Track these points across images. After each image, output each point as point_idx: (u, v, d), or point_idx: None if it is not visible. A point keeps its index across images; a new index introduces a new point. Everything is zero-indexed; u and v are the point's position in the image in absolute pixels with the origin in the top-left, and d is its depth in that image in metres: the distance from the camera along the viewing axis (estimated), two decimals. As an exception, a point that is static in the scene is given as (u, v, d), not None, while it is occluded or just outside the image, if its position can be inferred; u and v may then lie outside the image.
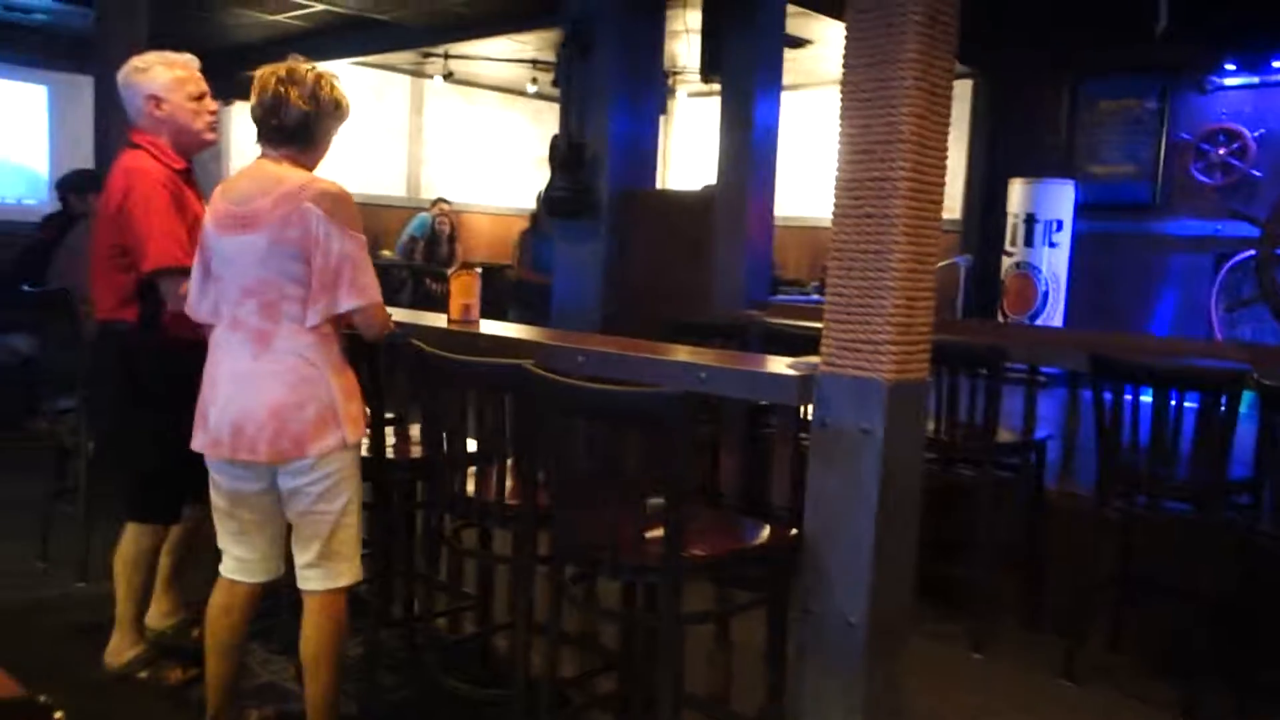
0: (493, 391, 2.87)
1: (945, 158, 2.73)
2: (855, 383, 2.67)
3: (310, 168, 2.63)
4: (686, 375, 2.94)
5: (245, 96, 2.66)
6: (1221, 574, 3.55)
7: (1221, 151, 7.97)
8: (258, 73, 2.61)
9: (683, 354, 3.19)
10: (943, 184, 2.73)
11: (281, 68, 2.57)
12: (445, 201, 11.04)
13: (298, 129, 2.56)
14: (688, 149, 12.32)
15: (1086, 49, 8.22)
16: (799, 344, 4.16)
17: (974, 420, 4.11)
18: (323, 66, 2.66)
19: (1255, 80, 7.79)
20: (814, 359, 2.87)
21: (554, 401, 2.57)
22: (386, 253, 10.62)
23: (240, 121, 10.01)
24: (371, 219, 11.12)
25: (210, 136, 3.28)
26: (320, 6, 7.51)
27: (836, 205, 2.73)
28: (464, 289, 3.99)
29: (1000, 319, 8.29)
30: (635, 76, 6.30)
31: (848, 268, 2.70)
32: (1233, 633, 3.53)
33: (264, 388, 2.50)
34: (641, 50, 6.34)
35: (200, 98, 3.24)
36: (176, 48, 3.26)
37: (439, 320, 3.89)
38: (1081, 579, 3.87)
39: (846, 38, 2.68)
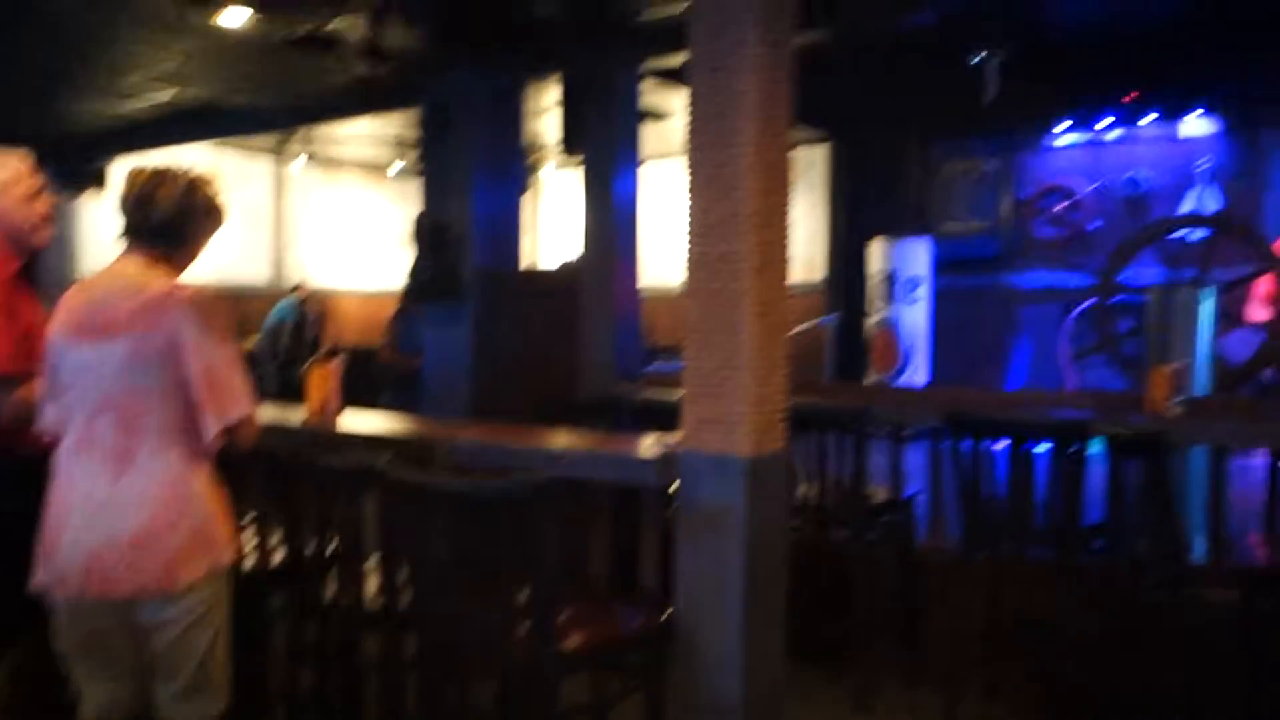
0: (350, 492, 2.77)
1: (788, 232, 2.80)
2: (714, 459, 2.68)
3: (178, 271, 2.47)
4: (551, 461, 2.91)
5: (96, 187, 2.54)
6: (1084, 617, 3.65)
7: (1060, 207, 8.44)
8: (130, 169, 2.49)
9: (544, 439, 3.16)
10: (788, 258, 2.79)
11: (155, 166, 2.45)
12: (303, 286, 10.79)
13: (166, 229, 2.40)
14: (559, 222, 12.40)
15: (932, 113, 8.64)
16: (671, 417, 4.19)
17: (843, 481, 4.17)
18: (178, 151, 2.55)
19: (1085, 139, 8.30)
20: (676, 437, 2.87)
21: (412, 499, 2.49)
22: (251, 341, 10.30)
23: (90, 214, 9.63)
24: (235, 307, 10.92)
25: (43, 237, 3.11)
26: (169, 94, 7.32)
27: (688, 282, 2.77)
28: (322, 382, 3.87)
29: (868, 377, 8.52)
30: (497, 155, 6.32)
31: (701, 344, 2.72)
32: (1101, 673, 3.62)
33: (126, 514, 2.27)
34: (502, 129, 6.36)
35: (33, 197, 3.08)
36: (16, 140, 3.09)
37: (296, 415, 3.77)
38: (956, 632, 3.94)
39: (689, 119, 2.73)
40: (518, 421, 5.55)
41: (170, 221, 2.41)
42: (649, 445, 2.90)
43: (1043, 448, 3.81)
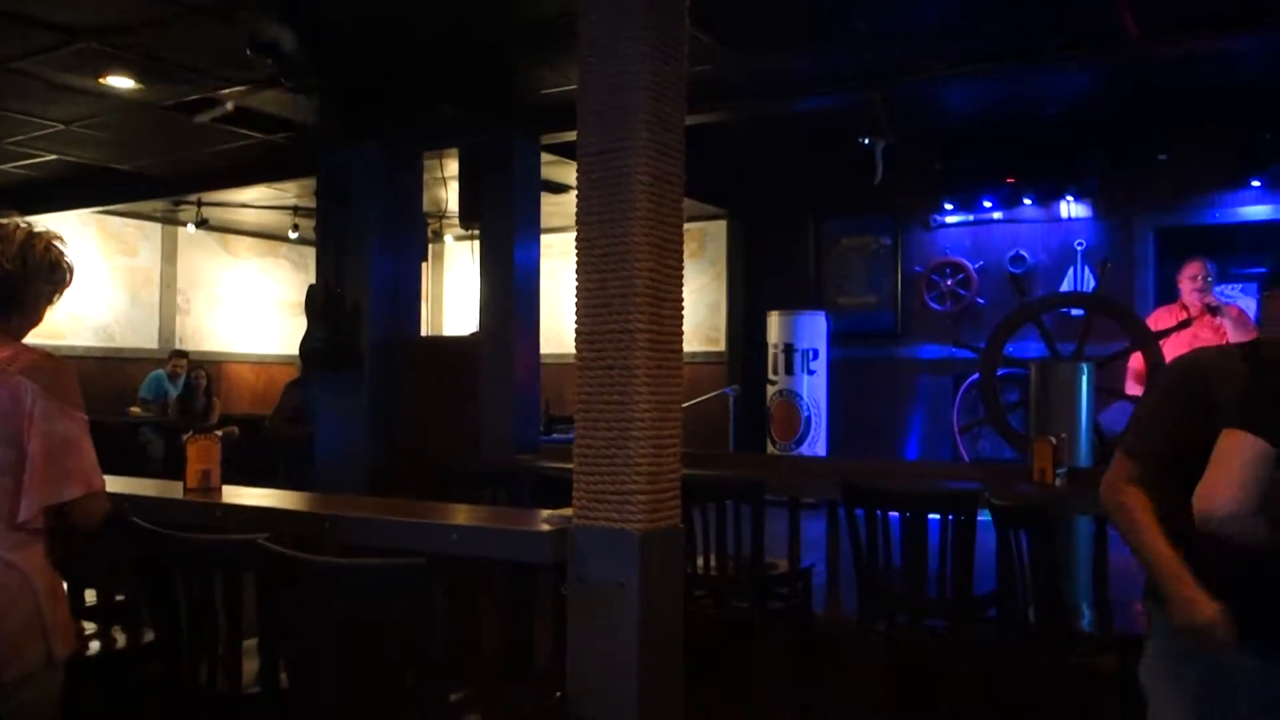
0: (228, 570, 2.65)
1: (682, 308, 2.82)
2: (608, 534, 2.64)
3: (18, 337, 2.28)
4: (439, 537, 2.83)
5: None
6: (978, 686, 3.69)
7: (949, 282, 8.73)
8: None
9: (435, 515, 3.08)
10: (680, 333, 2.81)
11: (6, 224, 2.27)
12: (181, 355, 10.45)
13: (1, 293, 2.23)
14: (460, 292, 12.33)
15: (825, 190, 8.92)
16: (568, 489, 4.15)
17: (741, 552, 4.17)
18: (59, 216, 2.41)
19: (971, 218, 8.65)
20: (569, 511, 2.83)
21: (293, 579, 2.39)
22: (135, 410, 9.91)
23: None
24: (117, 374, 10.52)
25: None
26: (52, 156, 7.09)
27: (580, 357, 2.75)
28: (201, 454, 3.72)
29: (770, 445, 8.60)
30: (395, 224, 6.26)
31: (594, 419, 2.70)
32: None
33: None
34: (400, 199, 6.32)
35: None
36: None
37: (175, 489, 3.61)
38: (856, 702, 3.94)
39: (579, 197, 2.75)
40: (414, 493, 5.45)
41: (5, 285, 2.23)
42: (542, 520, 2.85)
43: (935, 516, 3.89)
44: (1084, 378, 4.36)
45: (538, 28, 4.48)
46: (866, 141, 5.12)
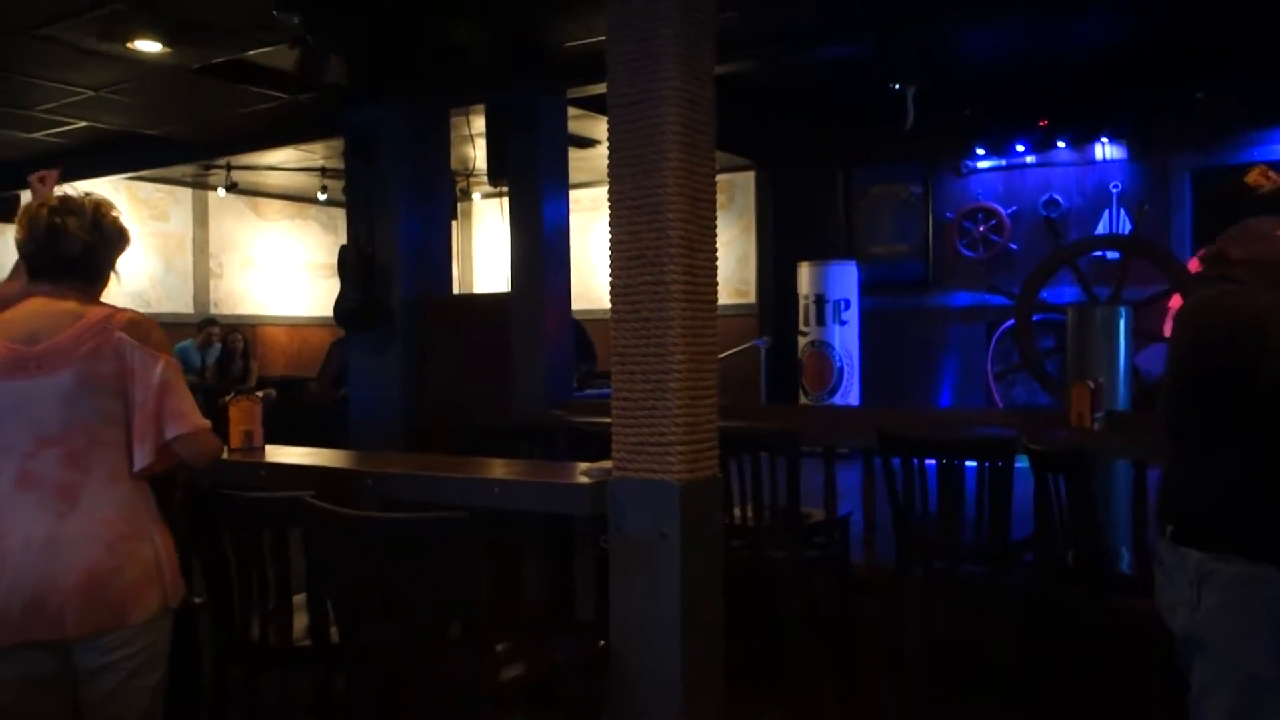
0: (272, 526, 2.70)
1: (715, 259, 2.82)
2: (647, 486, 2.66)
3: (92, 301, 2.36)
4: (480, 491, 2.87)
5: (4, 219, 2.43)
6: (1016, 630, 3.72)
7: (981, 229, 8.64)
8: (24, 206, 2.38)
9: (474, 470, 3.12)
10: (715, 284, 2.81)
11: (52, 198, 2.35)
12: (212, 323, 10.53)
13: (81, 261, 2.32)
14: (490, 249, 12.34)
15: (854, 139, 8.80)
16: (602, 442, 4.18)
17: (777, 503, 4.19)
18: (90, 183, 2.47)
19: (1003, 163, 8.53)
20: (608, 464, 2.85)
21: (336, 534, 2.43)
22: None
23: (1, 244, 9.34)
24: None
25: None
26: (83, 123, 7.13)
27: (614, 311, 2.76)
28: (244, 415, 3.78)
29: (802, 396, 8.60)
30: (423, 183, 6.26)
31: (630, 371, 2.72)
32: (1033, 684, 3.68)
33: (74, 552, 2.15)
34: (427, 157, 6.31)
35: None
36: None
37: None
38: (892, 649, 3.97)
39: (610, 149, 2.74)
40: (451, 450, 5.51)
41: (83, 253, 2.32)
42: (581, 473, 2.88)
43: (971, 464, 3.89)
44: (1122, 321, 4.32)
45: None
46: (896, 87, 5.05)
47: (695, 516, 2.70)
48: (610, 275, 2.76)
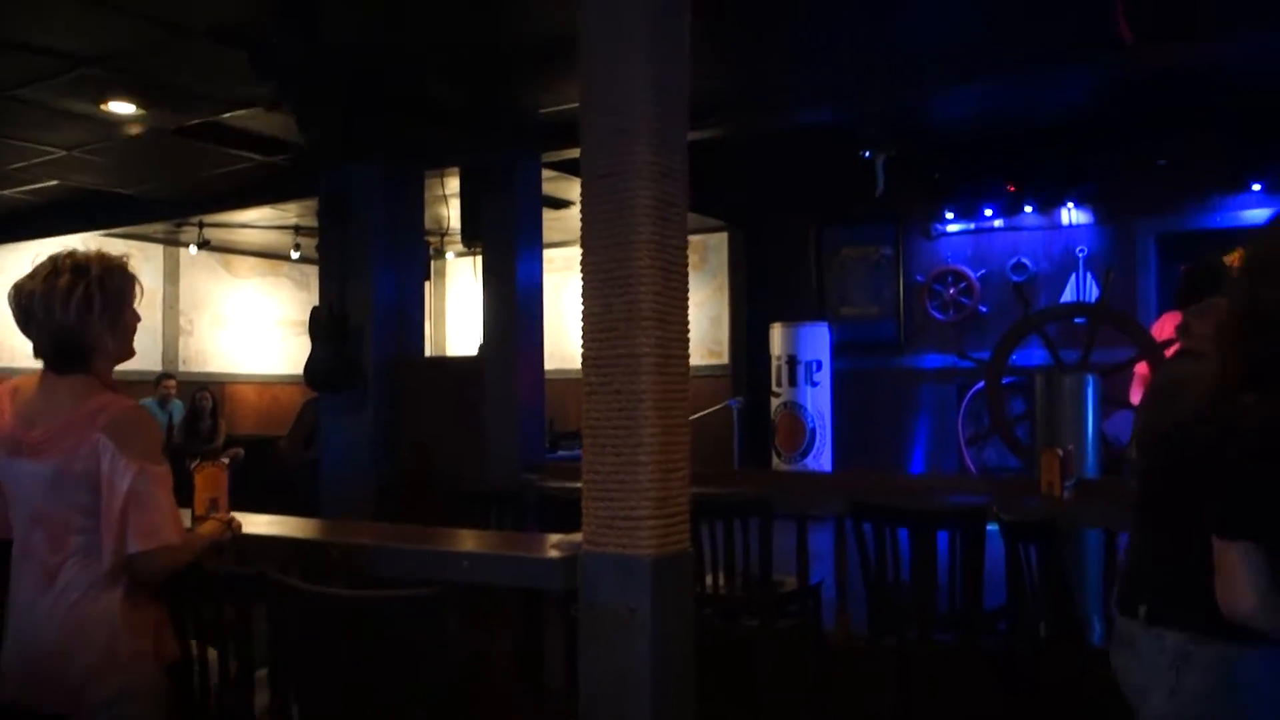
0: (238, 600, 2.64)
1: (687, 330, 2.82)
2: (618, 560, 2.63)
3: (108, 378, 2.33)
4: (450, 565, 2.83)
5: None
6: (990, 698, 3.68)
7: (951, 291, 8.73)
8: (16, 285, 2.28)
9: (446, 540, 3.07)
10: (686, 356, 2.80)
11: (44, 269, 2.26)
12: (168, 376, 10.43)
13: (61, 347, 2.26)
14: (463, 308, 12.33)
15: (826, 201, 8.92)
16: (575, 509, 4.15)
17: (750, 569, 4.16)
18: (64, 240, 2.42)
19: (972, 227, 8.65)
20: (578, 537, 2.82)
21: (300, 611, 2.38)
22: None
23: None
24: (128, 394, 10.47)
25: None
26: (54, 181, 7.10)
27: (586, 382, 2.75)
28: (209, 482, 3.69)
29: (775, 458, 8.59)
30: (397, 244, 6.26)
31: (601, 444, 2.70)
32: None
33: (45, 630, 2.24)
34: (402, 218, 6.32)
35: None
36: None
37: (183, 516, 3.60)
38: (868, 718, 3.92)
39: (583, 221, 2.75)
40: (422, 515, 5.44)
41: (61, 340, 2.25)
42: (551, 546, 2.84)
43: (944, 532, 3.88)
44: (1089, 388, 4.36)
45: (537, 49, 4.49)
46: (867, 154, 5.13)
47: (666, 591, 2.66)
48: (582, 346, 2.76)
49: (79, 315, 2.23)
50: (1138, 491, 2.28)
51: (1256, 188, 7.40)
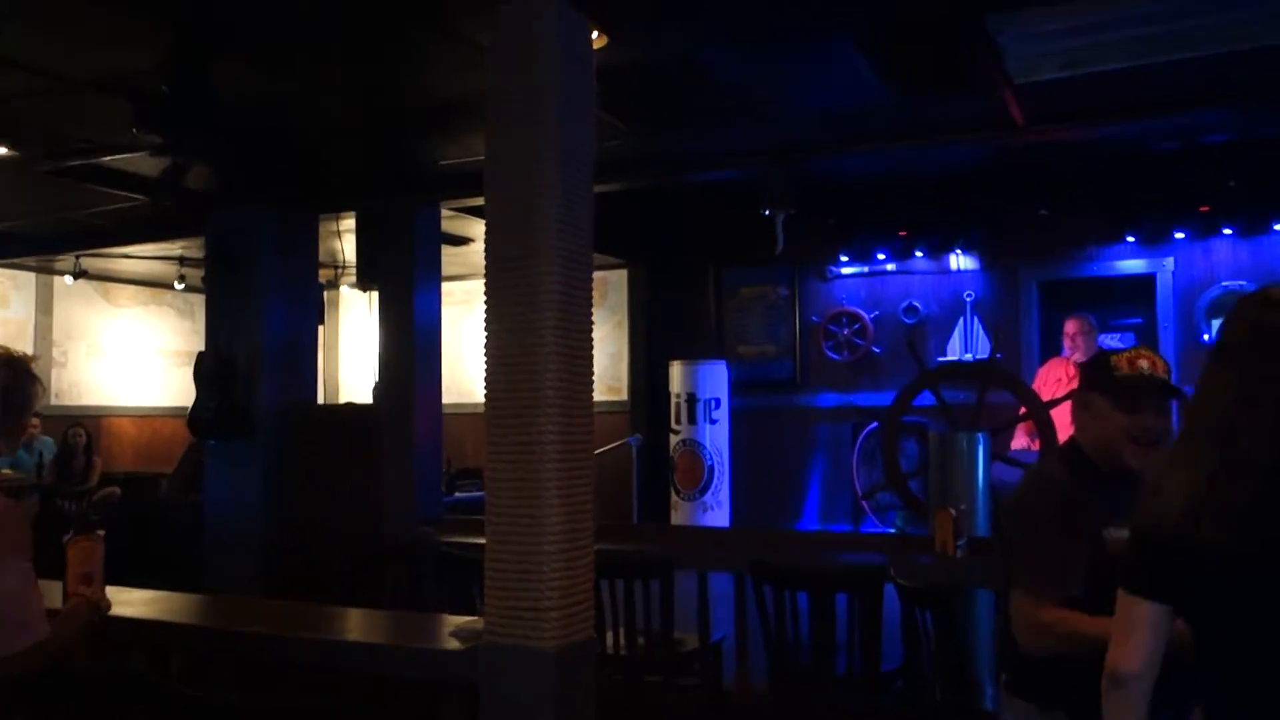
0: (117, 705, 2.49)
1: (591, 411, 2.80)
2: (521, 652, 2.58)
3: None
4: (345, 655, 2.73)
5: None
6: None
7: (846, 332, 8.91)
8: None
9: (339, 624, 2.97)
10: (590, 439, 2.78)
11: None
12: (35, 415, 9.94)
13: None
14: (357, 340, 12.04)
15: (725, 241, 9.01)
16: (472, 569, 4.08)
17: (651, 628, 4.15)
18: None
19: (866, 269, 8.85)
20: (478, 623, 2.76)
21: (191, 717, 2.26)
22: (6, 473, 9.35)
23: None
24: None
25: None
26: (-89, 212, 6.67)
27: (489, 470, 2.70)
28: (83, 557, 3.47)
29: (674, 494, 8.60)
30: (289, 289, 6.08)
31: (504, 534, 2.64)
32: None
33: None
34: (295, 262, 6.14)
35: None
36: None
37: (53, 591, 3.39)
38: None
39: (486, 303, 2.70)
40: (314, 573, 5.27)
41: None
42: (451, 633, 2.77)
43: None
44: (980, 447, 4.48)
45: (438, 106, 4.42)
46: (767, 213, 5.21)
47: (571, 681, 2.62)
48: (488, 432, 2.70)
49: None
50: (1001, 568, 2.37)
51: (1131, 239, 7.76)
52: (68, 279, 10.34)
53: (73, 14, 3.46)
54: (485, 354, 2.71)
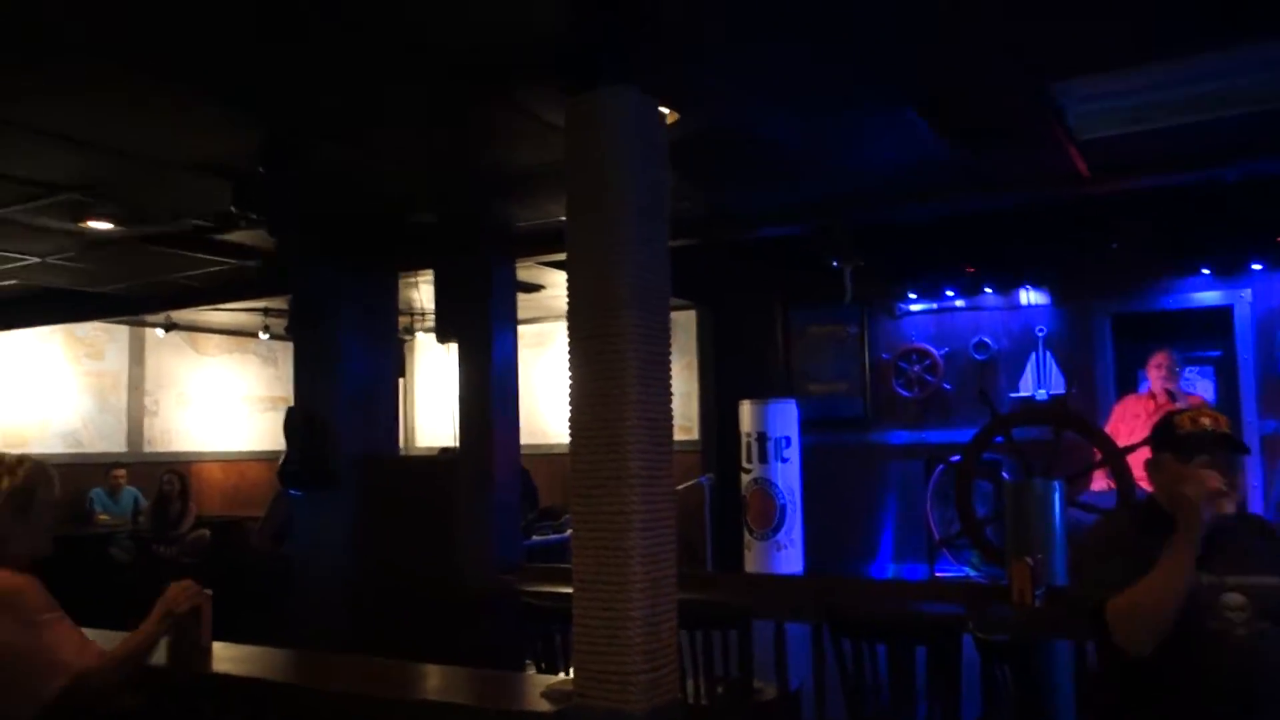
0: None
1: (672, 483, 2.90)
2: (610, 716, 2.68)
3: (12, 561, 2.55)
4: (436, 717, 2.85)
5: None
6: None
7: (916, 369, 8.91)
8: None
9: (429, 683, 3.10)
10: (673, 508, 2.88)
11: None
12: (119, 466, 10.41)
13: None
14: (434, 384, 12.33)
15: (792, 280, 9.09)
16: (553, 619, 4.20)
17: (729, 677, 4.22)
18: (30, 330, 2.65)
19: (934, 306, 8.86)
20: (567, 684, 2.87)
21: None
22: (103, 518, 9.77)
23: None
24: (85, 480, 10.36)
25: None
26: (15, 281, 7.06)
27: (575, 536, 2.82)
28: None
29: (746, 534, 8.65)
30: (370, 343, 6.30)
31: (590, 599, 2.76)
32: None
33: None
34: (376, 318, 6.37)
35: None
36: None
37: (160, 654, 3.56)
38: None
39: (571, 380, 2.83)
40: (398, 619, 5.43)
41: None
42: (542, 694, 2.88)
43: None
44: (1056, 495, 4.48)
45: (514, 175, 4.61)
46: (835, 264, 5.29)
47: (656, 743, 2.72)
48: (571, 501, 2.83)
49: None
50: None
51: (1205, 271, 7.66)
52: (159, 331, 10.81)
53: (178, 107, 3.73)
54: (570, 426, 2.83)
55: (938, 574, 7.76)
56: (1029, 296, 8.51)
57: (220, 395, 12.09)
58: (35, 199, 4.77)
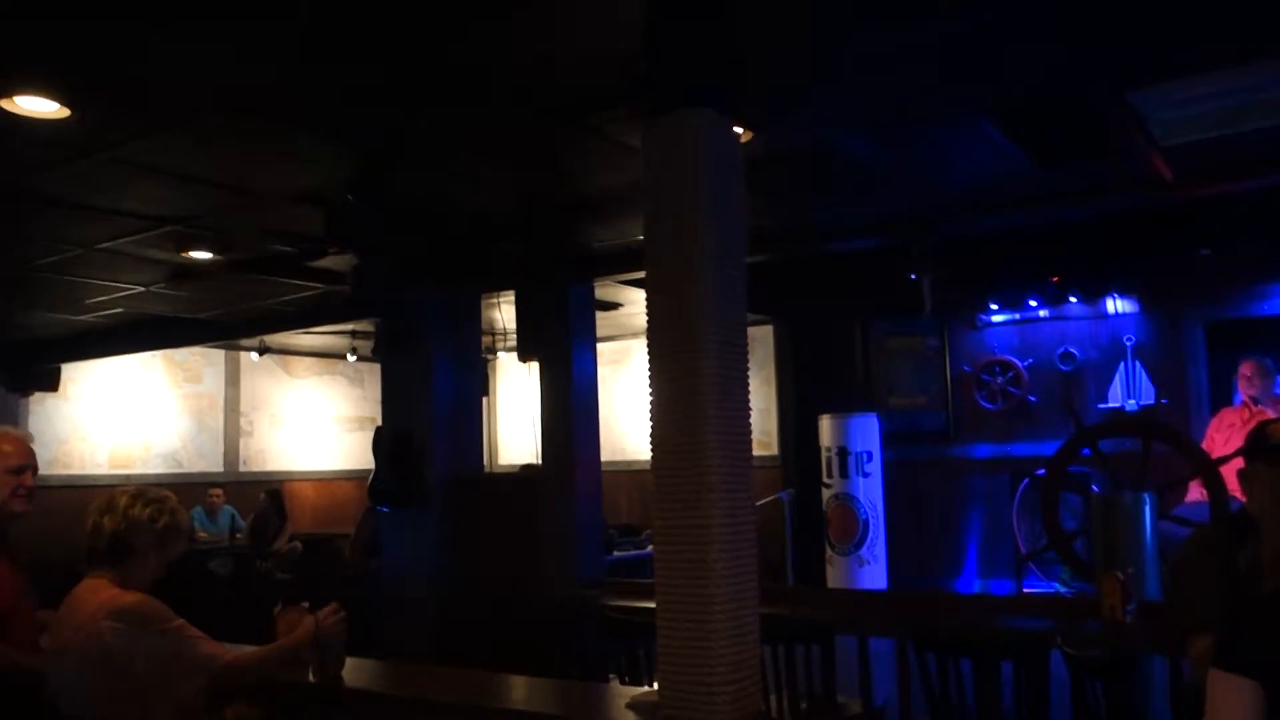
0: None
1: (753, 500, 2.94)
2: (694, 727, 2.73)
3: (135, 583, 2.74)
4: (528, 727, 2.93)
5: (45, 388, 2.81)
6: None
7: (999, 381, 8.77)
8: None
9: (523, 696, 3.18)
10: (754, 523, 2.92)
11: (103, 499, 2.77)
12: (217, 486, 10.78)
13: (110, 549, 2.72)
14: (515, 402, 12.53)
15: (871, 293, 9.02)
16: (636, 631, 4.25)
17: (813, 692, 4.21)
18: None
19: (1017, 317, 8.72)
20: (653, 695, 2.92)
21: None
22: (203, 535, 10.14)
23: (41, 413, 9.64)
24: (186, 499, 10.69)
25: (20, 508, 3.23)
26: (121, 309, 7.41)
27: (658, 550, 2.87)
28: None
29: (828, 549, 8.60)
30: (456, 364, 6.47)
31: (674, 613, 2.81)
32: None
33: None
34: (461, 340, 6.54)
35: (20, 471, 3.22)
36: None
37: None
38: None
39: (651, 395, 2.89)
40: (484, 632, 5.53)
41: (111, 543, 2.72)
42: (628, 705, 2.94)
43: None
44: (1147, 507, 4.39)
45: (592, 198, 4.71)
46: (914, 276, 5.27)
47: (742, 755, 2.75)
48: (655, 514, 2.88)
49: (132, 524, 2.74)
50: None
51: (1304, 274, 7.42)
52: (253, 355, 11.20)
53: (281, 142, 3.93)
54: (651, 440, 2.89)
55: (1025, 589, 7.62)
56: (1116, 305, 8.32)
57: (311, 416, 12.46)
58: (140, 232, 5.03)
